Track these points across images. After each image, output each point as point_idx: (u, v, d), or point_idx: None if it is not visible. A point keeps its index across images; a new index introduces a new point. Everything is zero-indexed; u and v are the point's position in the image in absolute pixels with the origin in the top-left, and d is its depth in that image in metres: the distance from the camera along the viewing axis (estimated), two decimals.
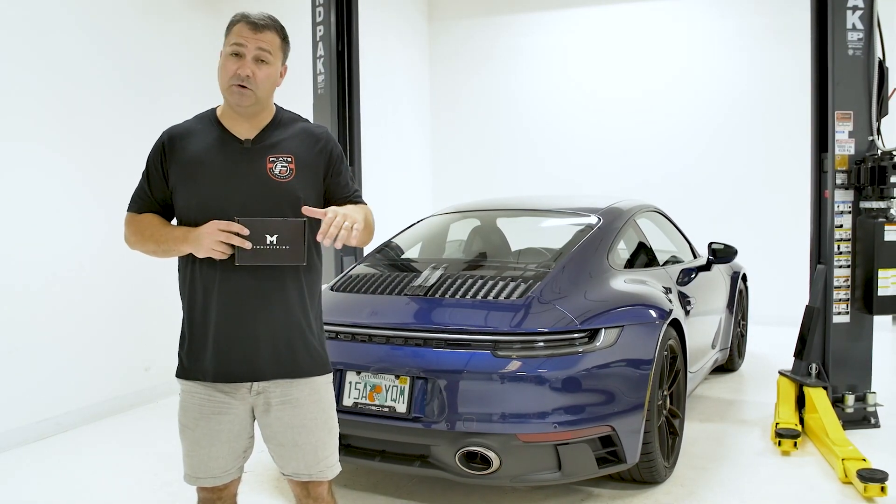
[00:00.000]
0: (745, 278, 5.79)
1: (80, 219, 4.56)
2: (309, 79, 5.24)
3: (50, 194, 4.38)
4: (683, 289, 4.11)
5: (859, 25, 4.08)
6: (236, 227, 1.86)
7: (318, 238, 1.86)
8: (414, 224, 4.55)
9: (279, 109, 2.12)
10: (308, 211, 1.91)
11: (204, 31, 5.48)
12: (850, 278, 4.19)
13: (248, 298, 1.97)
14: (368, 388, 3.06)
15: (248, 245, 1.86)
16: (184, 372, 2.05)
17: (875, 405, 4.22)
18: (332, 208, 1.91)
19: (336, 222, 1.86)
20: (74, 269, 4.53)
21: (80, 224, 4.56)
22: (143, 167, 2.09)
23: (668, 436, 3.50)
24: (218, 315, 1.98)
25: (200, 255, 1.92)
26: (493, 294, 3.18)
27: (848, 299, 4.20)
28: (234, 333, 1.98)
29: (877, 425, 4.21)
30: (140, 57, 5.03)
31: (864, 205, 4.11)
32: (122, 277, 4.81)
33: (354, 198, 2.16)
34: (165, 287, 4.37)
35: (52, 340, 4.39)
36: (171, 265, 2.13)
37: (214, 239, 1.87)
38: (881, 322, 6.54)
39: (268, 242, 1.87)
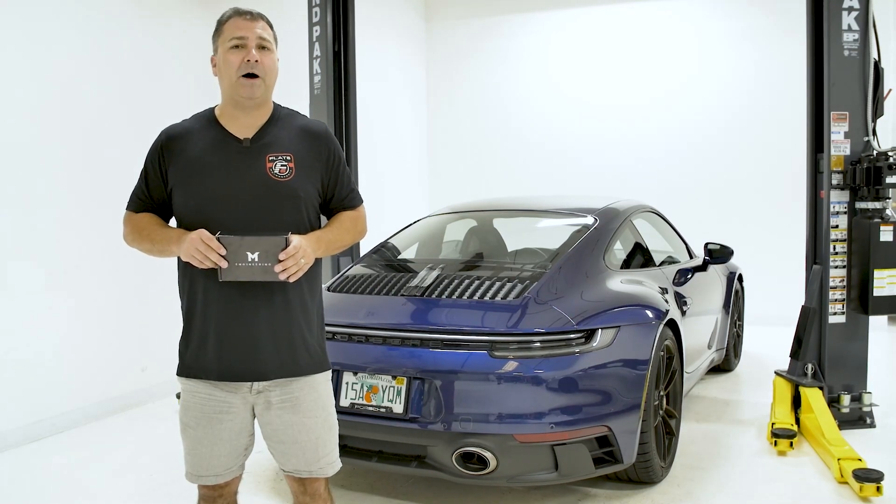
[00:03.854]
0: (741, 278, 5.81)
1: (76, 219, 4.54)
2: (305, 79, 5.24)
3: (46, 195, 4.36)
4: (680, 289, 4.11)
5: (855, 26, 4.09)
6: (214, 243, 1.85)
7: (276, 269, 1.86)
8: (410, 224, 4.55)
9: (277, 106, 2.11)
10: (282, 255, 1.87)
11: (201, 30, 5.47)
12: (845, 279, 4.20)
13: (249, 298, 1.97)
14: (365, 388, 3.06)
15: (224, 264, 1.86)
16: (185, 370, 2.05)
17: (871, 405, 4.23)
18: (296, 244, 1.89)
19: (296, 257, 1.88)
20: (71, 270, 4.52)
21: (77, 225, 4.55)
22: (140, 168, 2.09)
23: (665, 436, 3.50)
24: (219, 314, 1.98)
25: (185, 259, 1.92)
26: (489, 294, 3.18)
27: (844, 299, 4.21)
28: (236, 333, 1.98)
29: (872, 425, 4.23)
30: (136, 56, 5.02)
31: (860, 205, 4.12)
32: (118, 278, 4.81)
33: (351, 199, 2.17)
34: (162, 288, 4.37)
35: (49, 341, 4.38)
36: (167, 266, 2.12)
37: (194, 247, 1.86)
38: (877, 322, 6.55)
39: (249, 260, 1.86)
